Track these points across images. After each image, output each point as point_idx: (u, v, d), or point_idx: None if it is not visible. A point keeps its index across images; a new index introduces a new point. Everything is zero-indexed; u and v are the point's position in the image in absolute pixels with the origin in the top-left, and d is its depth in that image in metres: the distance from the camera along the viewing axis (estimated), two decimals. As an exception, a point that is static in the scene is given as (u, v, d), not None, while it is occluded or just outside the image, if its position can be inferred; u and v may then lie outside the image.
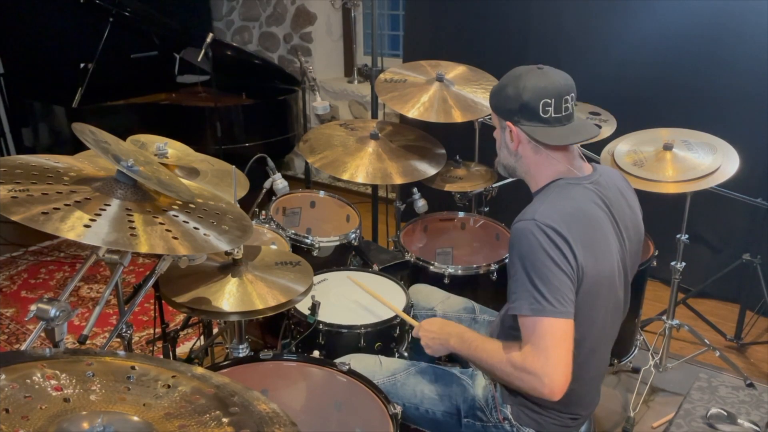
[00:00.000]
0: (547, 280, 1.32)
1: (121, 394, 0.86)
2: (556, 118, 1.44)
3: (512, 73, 1.48)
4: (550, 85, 1.43)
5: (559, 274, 1.32)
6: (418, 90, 2.47)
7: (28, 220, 1.06)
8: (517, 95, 1.44)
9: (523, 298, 1.34)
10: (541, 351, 1.32)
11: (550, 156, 1.47)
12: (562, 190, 1.45)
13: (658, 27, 3.03)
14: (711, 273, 3.04)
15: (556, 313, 1.31)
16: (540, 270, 1.33)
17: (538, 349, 1.33)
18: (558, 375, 1.31)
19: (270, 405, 0.91)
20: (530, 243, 1.34)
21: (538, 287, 1.32)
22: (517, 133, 1.47)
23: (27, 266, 3.58)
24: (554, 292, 1.32)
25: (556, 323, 1.32)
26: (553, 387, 1.32)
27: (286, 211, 2.57)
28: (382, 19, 4.57)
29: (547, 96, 1.42)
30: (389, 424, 1.43)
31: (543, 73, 1.45)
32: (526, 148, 1.49)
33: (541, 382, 1.32)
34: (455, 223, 2.65)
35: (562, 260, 1.33)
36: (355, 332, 1.80)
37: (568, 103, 1.44)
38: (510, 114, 1.47)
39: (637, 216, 1.58)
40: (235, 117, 3.92)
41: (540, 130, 1.44)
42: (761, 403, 1.93)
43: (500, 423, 1.55)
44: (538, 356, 1.32)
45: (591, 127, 1.52)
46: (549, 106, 1.42)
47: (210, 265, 1.64)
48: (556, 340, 1.32)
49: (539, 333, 1.33)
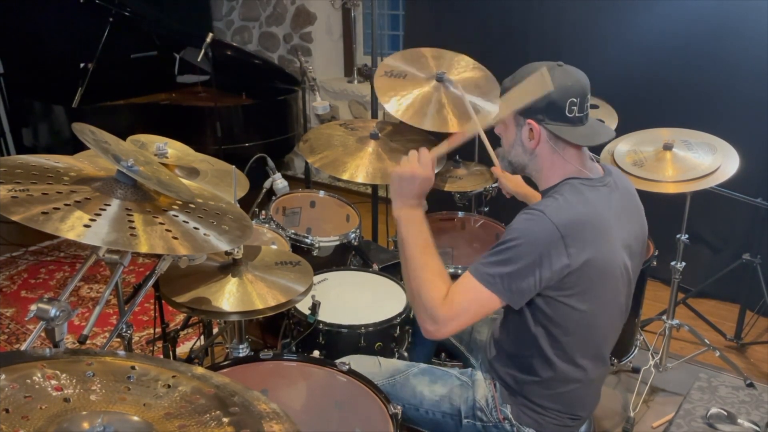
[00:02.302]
0: (516, 271, 1.33)
1: (121, 394, 0.86)
2: (578, 118, 1.41)
3: (532, 70, 1.40)
4: (576, 84, 1.40)
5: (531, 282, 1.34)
6: (419, 89, 2.45)
7: (28, 220, 1.06)
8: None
9: (488, 266, 1.36)
10: (455, 307, 1.36)
11: (565, 156, 1.45)
12: (574, 190, 1.42)
13: (658, 27, 3.03)
14: (711, 273, 3.04)
15: (494, 288, 1.35)
16: (518, 257, 1.33)
17: (454, 305, 1.36)
18: (446, 332, 1.38)
19: (270, 405, 0.91)
20: (528, 232, 1.34)
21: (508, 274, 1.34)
22: (539, 132, 1.43)
23: (27, 266, 3.58)
24: (515, 286, 1.35)
25: (486, 293, 1.35)
26: (435, 335, 1.39)
27: (286, 211, 2.57)
28: (382, 19, 4.57)
29: (574, 95, 1.39)
30: (389, 424, 1.43)
31: (566, 71, 1.42)
32: (544, 147, 1.45)
33: (434, 327, 1.38)
34: (455, 223, 2.65)
35: (546, 265, 1.32)
36: (355, 332, 1.80)
37: (587, 103, 1.43)
38: (533, 112, 1.42)
39: (643, 218, 1.57)
40: (235, 117, 3.92)
41: (566, 130, 1.41)
42: (761, 403, 1.93)
43: (500, 423, 1.55)
44: (450, 310, 1.36)
45: (606, 127, 1.51)
46: (575, 105, 1.39)
47: (210, 265, 1.64)
48: (475, 306, 1.37)
49: (470, 296, 1.37)
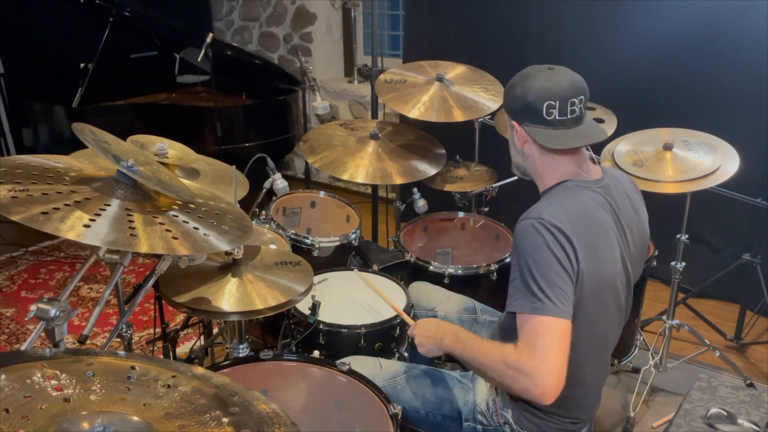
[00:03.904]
0: (550, 279, 1.30)
1: (121, 394, 0.86)
2: (560, 121, 1.42)
3: (523, 73, 1.48)
4: (555, 87, 1.41)
5: (562, 273, 1.31)
6: (418, 90, 2.47)
7: (28, 220, 1.06)
8: (523, 95, 1.43)
9: (523, 296, 1.32)
10: (537, 350, 1.28)
11: (556, 158, 1.46)
12: (569, 192, 1.43)
13: (658, 27, 3.03)
14: (711, 273, 3.03)
15: (556, 312, 1.29)
16: (543, 268, 1.31)
17: (534, 347, 1.29)
18: (552, 377, 1.27)
19: (270, 405, 0.91)
20: (535, 241, 1.33)
21: (540, 285, 1.30)
22: (522, 133, 1.48)
23: (27, 266, 3.58)
24: (556, 292, 1.30)
25: (555, 322, 1.29)
26: (545, 389, 1.27)
27: (286, 211, 2.57)
28: (382, 19, 4.57)
29: (551, 98, 1.41)
30: (389, 424, 1.43)
31: (552, 74, 1.43)
32: (531, 148, 1.48)
33: (534, 382, 1.27)
34: (455, 223, 2.65)
35: (566, 260, 1.32)
36: (355, 332, 1.80)
37: (575, 106, 1.42)
38: (516, 113, 1.47)
39: (643, 221, 1.57)
40: (235, 117, 3.92)
41: (542, 132, 1.43)
42: (761, 403, 1.92)
43: (501, 427, 1.55)
44: (533, 355, 1.28)
45: (598, 130, 1.50)
46: (553, 108, 1.41)
47: (210, 265, 1.64)
48: (553, 339, 1.29)
49: (537, 332, 1.30)
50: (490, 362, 1.38)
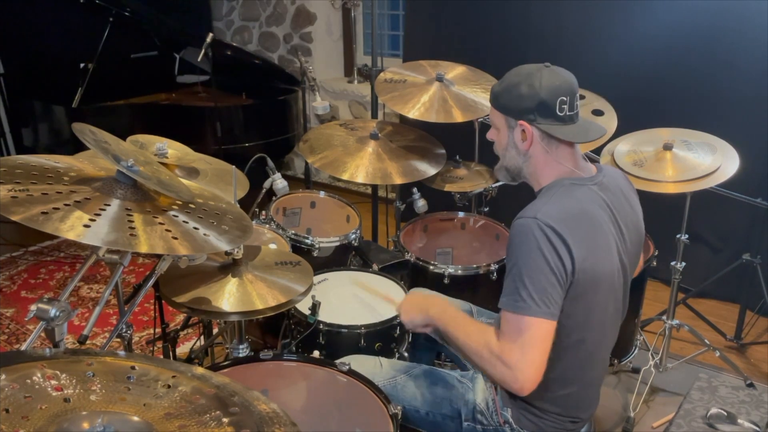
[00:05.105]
0: (537, 280, 1.32)
1: (121, 394, 0.86)
2: (569, 116, 1.44)
3: (520, 72, 1.47)
4: (564, 83, 1.43)
5: (549, 276, 1.33)
6: (418, 90, 2.47)
7: (28, 220, 1.06)
8: (534, 93, 1.42)
9: (509, 294, 1.35)
10: (518, 347, 1.32)
11: (558, 156, 1.47)
12: (566, 189, 1.44)
13: (658, 27, 3.03)
14: (711, 273, 3.04)
15: (539, 313, 1.32)
16: (532, 269, 1.33)
17: (515, 344, 1.33)
18: (531, 373, 1.32)
19: (270, 405, 0.91)
20: (527, 241, 1.34)
21: (526, 285, 1.32)
22: (531, 132, 1.46)
23: (27, 266, 3.58)
24: (541, 293, 1.32)
25: (537, 322, 1.32)
26: (524, 383, 1.32)
27: (286, 211, 2.57)
28: (382, 19, 4.57)
29: (563, 94, 1.42)
30: (389, 424, 1.43)
31: (553, 71, 1.45)
32: (537, 147, 1.47)
33: (514, 375, 1.32)
34: (455, 223, 2.65)
35: (557, 262, 1.33)
36: (355, 332, 1.80)
37: (576, 101, 1.45)
38: (524, 113, 1.45)
39: (638, 216, 1.57)
40: (235, 117, 3.92)
41: (557, 128, 1.44)
42: (761, 403, 1.92)
43: (500, 426, 1.55)
44: (514, 351, 1.32)
45: (597, 125, 1.53)
46: (565, 104, 1.42)
47: (210, 265, 1.64)
48: (534, 338, 1.33)
49: (519, 329, 1.33)
50: (474, 344, 1.41)
